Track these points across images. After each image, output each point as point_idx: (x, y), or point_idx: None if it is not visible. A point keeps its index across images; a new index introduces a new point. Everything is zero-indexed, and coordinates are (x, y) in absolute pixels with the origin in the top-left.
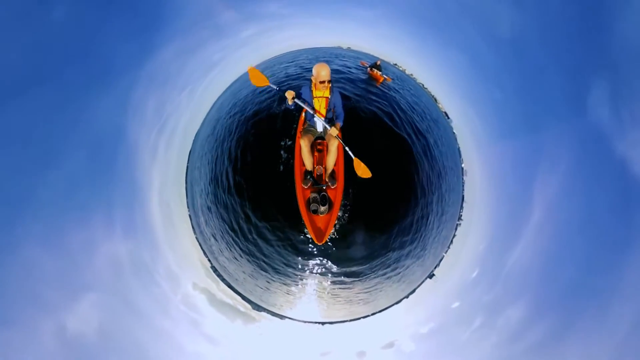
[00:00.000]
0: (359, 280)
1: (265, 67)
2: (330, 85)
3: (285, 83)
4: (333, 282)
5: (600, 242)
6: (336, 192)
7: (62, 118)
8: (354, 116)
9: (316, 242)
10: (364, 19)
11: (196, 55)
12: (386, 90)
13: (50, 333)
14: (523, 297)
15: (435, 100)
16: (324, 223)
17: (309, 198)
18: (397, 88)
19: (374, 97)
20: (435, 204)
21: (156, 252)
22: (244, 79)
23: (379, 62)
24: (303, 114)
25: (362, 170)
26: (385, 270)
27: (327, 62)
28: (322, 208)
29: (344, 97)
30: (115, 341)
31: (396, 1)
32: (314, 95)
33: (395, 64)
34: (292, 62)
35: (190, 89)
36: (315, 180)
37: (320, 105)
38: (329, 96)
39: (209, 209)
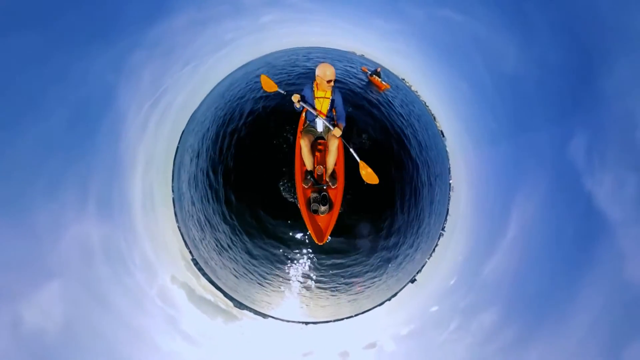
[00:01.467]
0: (344, 281)
1: (278, 57)
2: (332, 85)
3: (294, 77)
4: (318, 282)
5: (563, 261)
6: (336, 192)
7: (49, 67)
8: (359, 123)
9: (316, 242)
10: (382, 30)
11: (208, 30)
12: (390, 101)
13: (3, 326)
14: (495, 304)
15: (434, 118)
16: (324, 223)
17: (309, 198)
18: (403, 100)
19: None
20: (421, 213)
21: (132, 238)
22: (253, 64)
23: (379, 70)
24: (303, 114)
25: (368, 176)
26: (370, 273)
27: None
28: (323, 208)
29: (344, 99)
30: (81, 338)
31: (416, 21)
32: (315, 96)
33: (403, 79)
34: (305, 57)
35: (194, 64)
36: (316, 180)
37: (322, 105)
38: (331, 97)
39: (195, 196)
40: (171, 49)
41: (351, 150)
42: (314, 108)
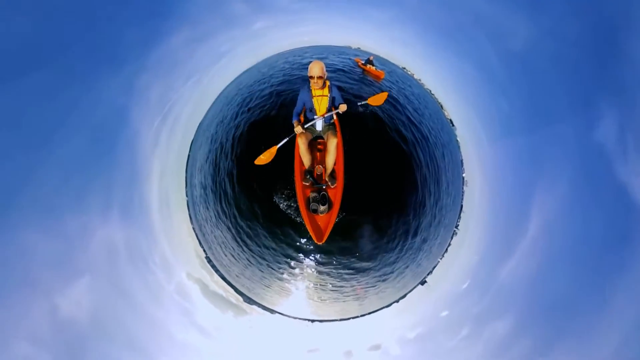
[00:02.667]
0: (352, 280)
1: (275, 60)
2: (328, 82)
3: (292, 79)
4: (326, 281)
5: (592, 264)
6: (336, 191)
7: (65, 98)
8: (363, 120)
9: (316, 242)
10: (376, 20)
11: (205, 45)
12: (390, 92)
13: (43, 314)
14: (511, 311)
15: (442, 107)
16: (323, 222)
17: (308, 197)
18: (405, 94)
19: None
20: (433, 211)
21: (152, 240)
22: (251, 71)
23: (372, 58)
24: (303, 115)
25: (380, 99)
26: (379, 273)
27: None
28: (322, 207)
29: (341, 89)
30: (106, 326)
31: (410, 4)
32: (314, 95)
33: (404, 68)
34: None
35: (196, 78)
36: (315, 179)
37: (321, 103)
38: (329, 94)
39: (207, 199)
40: (173, 66)
41: (358, 103)
42: (311, 111)
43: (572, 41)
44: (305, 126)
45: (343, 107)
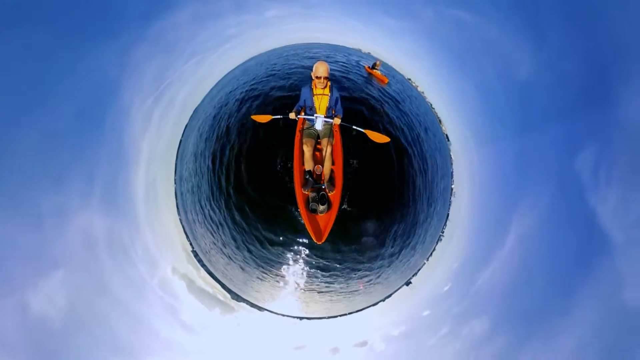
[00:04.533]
0: (340, 279)
1: (283, 51)
2: (329, 83)
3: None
4: (315, 279)
5: (560, 276)
6: (335, 192)
7: (56, 62)
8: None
9: (315, 241)
10: (389, 28)
11: (211, 25)
12: (391, 101)
13: (9, 312)
14: (487, 313)
15: (440, 121)
16: (323, 222)
17: (308, 197)
18: (406, 100)
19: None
20: (421, 217)
21: (136, 230)
22: (256, 60)
23: (378, 63)
24: (303, 112)
25: (378, 138)
26: (366, 272)
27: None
28: (321, 207)
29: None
30: (84, 324)
31: (425, 20)
32: (314, 93)
33: (409, 79)
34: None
35: (197, 59)
36: (315, 180)
37: (321, 101)
38: (329, 94)
39: (197, 190)
40: (174, 43)
41: (354, 127)
42: (311, 110)
43: (569, 78)
44: (299, 116)
45: (337, 120)
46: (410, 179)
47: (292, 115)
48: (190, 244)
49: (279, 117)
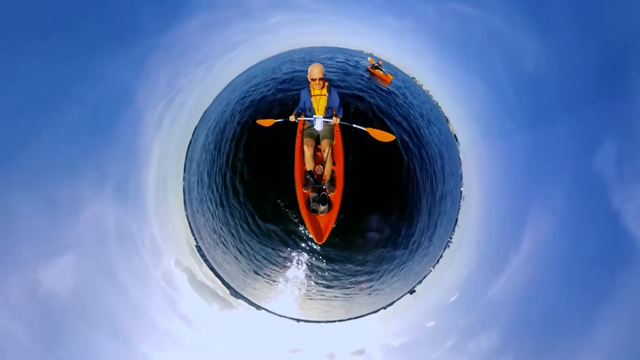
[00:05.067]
0: (341, 283)
1: (287, 56)
2: (326, 83)
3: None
4: (315, 281)
5: (580, 287)
6: (336, 192)
7: (74, 67)
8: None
9: (316, 242)
10: (391, 28)
11: (219, 33)
12: (397, 101)
13: (23, 285)
14: (497, 327)
15: (447, 120)
16: (324, 222)
17: (308, 197)
18: (412, 100)
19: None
20: (428, 221)
21: (144, 222)
22: (261, 65)
23: (380, 62)
24: (303, 114)
25: (382, 136)
26: (367, 277)
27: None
28: (322, 207)
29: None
30: (88, 306)
31: (426, 17)
32: (312, 94)
33: (414, 78)
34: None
35: (207, 65)
36: (315, 180)
37: (319, 102)
38: (327, 94)
39: (204, 188)
40: (185, 51)
41: (354, 125)
42: (310, 111)
43: (582, 65)
44: (299, 118)
45: (336, 120)
46: (416, 180)
47: (292, 118)
48: (195, 239)
49: (281, 120)
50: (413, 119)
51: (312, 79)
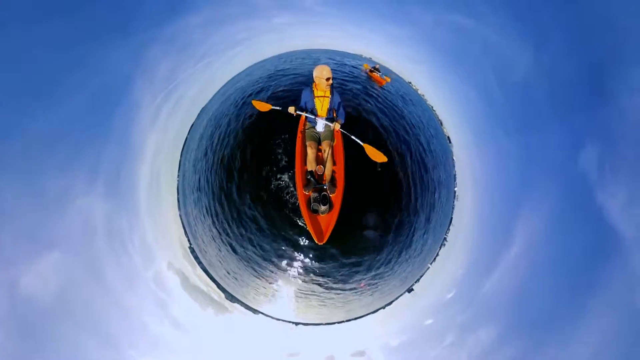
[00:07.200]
0: (339, 284)
1: (288, 57)
2: (331, 85)
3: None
4: (314, 283)
5: (570, 281)
6: (337, 193)
7: (74, 55)
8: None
9: (317, 242)
10: (390, 35)
11: (222, 30)
12: (393, 103)
13: (0, 287)
14: (494, 322)
15: (441, 123)
16: (324, 223)
17: (309, 197)
18: (407, 102)
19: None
20: (424, 221)
21: (135, 220)
22: (263, 64)
23: (377, 66)
24: (304, 115)
25: (376, 155)
26: (365, 277)
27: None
28: (323, 208)
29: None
30: (72, 310)
31: (425, 28)
32: (315, 95)
33: (410, 82)
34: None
35: (207, 61)
36: (316, 180)
37: (323, 103)
38: (330, 96)
39: (199, 186)
40: (186, 45)
41: (352, 137)
42: (312, 112)
43: (568, 77)
44: (299, 112)
45: (337, 126)
46: (412, 180)
47: (291, 110)
48: (188, 240)
49: (278, 108)
50: (408, 119)
51: (321, 79)
